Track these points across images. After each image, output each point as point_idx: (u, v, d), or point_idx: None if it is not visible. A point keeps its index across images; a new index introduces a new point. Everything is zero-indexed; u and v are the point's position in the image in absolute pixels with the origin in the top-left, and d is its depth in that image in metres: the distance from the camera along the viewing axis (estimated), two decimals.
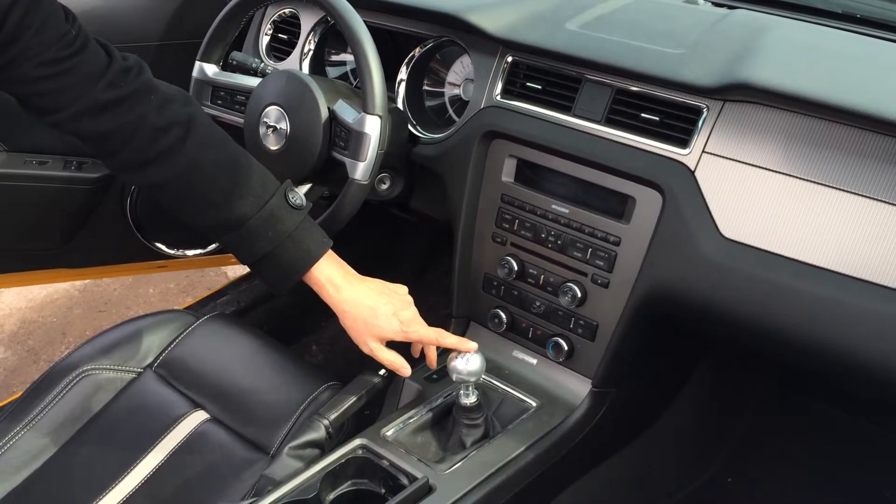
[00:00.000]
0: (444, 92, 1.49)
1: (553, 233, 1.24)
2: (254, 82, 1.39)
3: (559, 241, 1.24)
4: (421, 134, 1.41)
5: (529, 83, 1.28)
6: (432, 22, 1.40)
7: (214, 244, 1.94)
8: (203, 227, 1.12)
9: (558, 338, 1.25)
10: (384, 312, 1.14)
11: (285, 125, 1.31)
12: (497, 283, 1.32)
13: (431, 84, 1.49)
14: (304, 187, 1.32)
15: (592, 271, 1.21)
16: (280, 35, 1.62)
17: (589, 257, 1.21)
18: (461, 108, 1.39)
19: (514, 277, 1.28)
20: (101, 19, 1.61)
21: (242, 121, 1.39)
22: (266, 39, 1.63)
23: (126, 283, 2.60)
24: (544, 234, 1.25)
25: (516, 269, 1.28)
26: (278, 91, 1.33)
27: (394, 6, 1.43)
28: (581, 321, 1.23)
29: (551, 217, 1.24)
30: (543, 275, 1.26)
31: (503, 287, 1.31)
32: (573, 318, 1.24)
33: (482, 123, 1.30)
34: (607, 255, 1.19)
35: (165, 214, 1.14)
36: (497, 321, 1.32)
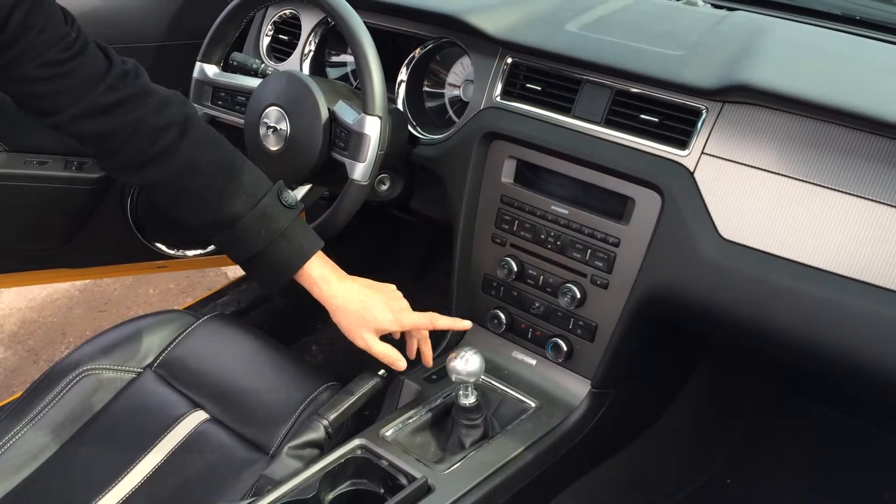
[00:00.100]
0: (444, 93, 1.49)
1: (552, 234, 1.24)
2: (254, 83, 1.40)
3: (558, 242, 1.24)
4: (421, 135, 1.41)
5: (529, 84, 1.28)
6: (432, 23, 1.40)
7: None
8: (197, 226, 1.13)
9: (557, 338, 1.25)
10: (376, 303, 1.15)
11: (285, 126, 1.31)
12: (496, 284, 1.32)
13: (431, 85, 1.49)
14: (304, 188, 1.33)
15: (592, 272, 1.21)
16: (281, 36, 1.63)
17: (588, 258, 1.21)
18: (461, 109, 1.39)
19: (514, 278, 1.29)
20: (103, 20, 1.61)
21: (243, 121, 1.39)
22: (267, 40, 1.63)
23: (126, 284, 2.60)
24: (544, 235, 1.25)
25: (516, 270, 1.28)
26: (279, 92, 1.33)
27: (394, 7, 1.43)
28: (580, 322, 1.23)
29: (551, 218, 1.25)
30: (543, 275, 1.26)
31: (503, 288, 1.31)
32: (572, 319, 1.24)
33: (482, 124, 1.30)
34: (606, 256, 1.19)
35: (166, 215, 1.15)
36: (496, 322, 1.32)
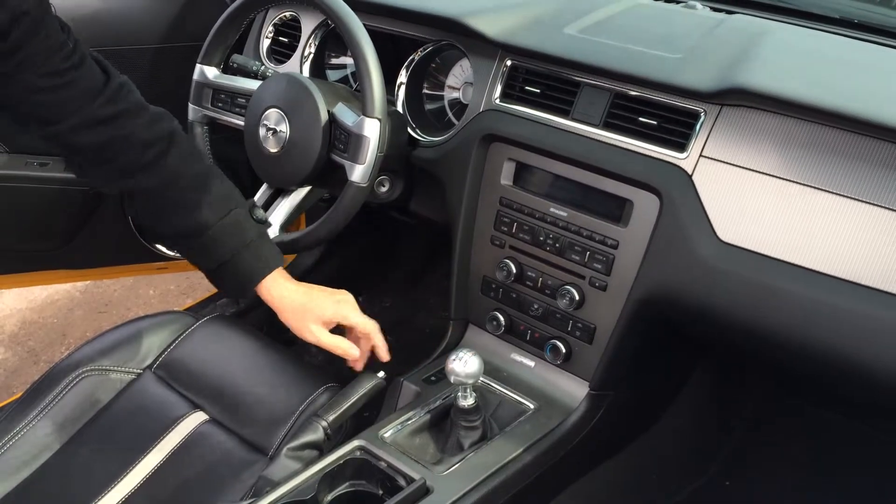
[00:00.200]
0: (444, 95, 1.49)
1: (551, 236, 1.25)
2: (254, 85, 1.40)
3: (557, 244, 1.24)
4: (420, 137, 1.41)
5: (528, 87, 1.28)
6: (432, 26, 1.40)
7: None
8: (168, 234, 1.19)
9: (556, 340, 1.25)
10: (320, 296, 1.21)
11: (285, 128, 1.31)
12: (495, 286, 1.32)
13: (431, 87, 1.49)
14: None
15: (590, 274, 1.21)
16: (281, 38, 1.63)
17: (587, 260, 1.21)
18: (460, 112, 1.40)
19: (513, 280, 1.29)
20: (103, 23, 1.61)
21: (243, 123, 1.40)
22: (267, 42, 1.63)
23: (126, 285, 2.60)
24: (542, 237, 1.26)
25: (514, 272, 1.28)
26: (278, 94, 1.34)
27: (394, 10, 1.43)
28: (579, 324, 1.23)
29: (549, 220, 1.25)
30: (541, 277, 1.26)
31: (501, 289, 1.32)
32: (571, 321, 1.24)
33: (481, 127, 1.30)
34: (605, 258, 1.19)
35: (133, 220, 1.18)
36: (495, 323, 1.32)
